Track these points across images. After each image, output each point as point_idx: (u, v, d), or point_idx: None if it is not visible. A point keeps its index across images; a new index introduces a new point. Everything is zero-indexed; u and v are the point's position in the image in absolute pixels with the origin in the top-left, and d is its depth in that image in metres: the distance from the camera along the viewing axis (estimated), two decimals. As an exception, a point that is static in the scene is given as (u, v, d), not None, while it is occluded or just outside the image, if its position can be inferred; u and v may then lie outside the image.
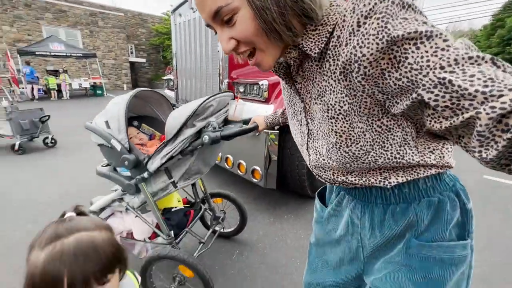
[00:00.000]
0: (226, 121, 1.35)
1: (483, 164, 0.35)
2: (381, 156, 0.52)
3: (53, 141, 4.26)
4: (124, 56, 16.62)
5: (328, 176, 0.64)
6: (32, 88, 10.09)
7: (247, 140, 2.26)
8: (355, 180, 0.59)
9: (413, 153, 0.51)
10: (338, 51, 0.45)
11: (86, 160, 3.70)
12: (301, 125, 0.65)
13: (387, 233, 0.60)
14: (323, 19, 0.46)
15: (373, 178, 0.57)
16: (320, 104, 0.53)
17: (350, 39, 0.41)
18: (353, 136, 0.51)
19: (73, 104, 9.74)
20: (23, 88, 10.10)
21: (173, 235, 1.41)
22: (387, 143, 0.50)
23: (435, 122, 0.38)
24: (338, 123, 0.51)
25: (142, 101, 1.60)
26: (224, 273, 1.75)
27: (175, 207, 1.66)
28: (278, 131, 2.15)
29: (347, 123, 0.50)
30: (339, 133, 0.52)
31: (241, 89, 2.35)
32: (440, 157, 0.53)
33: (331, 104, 0.50)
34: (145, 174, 1.22)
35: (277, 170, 2.24)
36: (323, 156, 0.61)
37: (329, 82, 0.49)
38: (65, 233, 0.50)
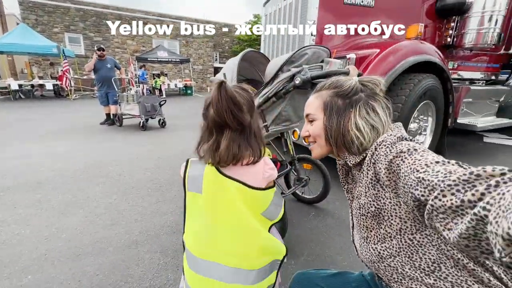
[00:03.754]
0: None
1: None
2: (408, 265, 0.59)
3: (164, 122, 5.41)
4: (210, 62, 18.81)
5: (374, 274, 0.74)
6: (143, 87, 12.59)
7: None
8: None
9: (454, 273, 0.53)
10: (368, 167, 0.61)
11: (183, 135, 4.82)
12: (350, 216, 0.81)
13: None
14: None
15: None
16: (356, 204, 0.70)
17: (371, 159, 0.60)
18: (380, 234, 0.63)
19: (170, 100, 11.65)
20: (137, 87, 12.70)
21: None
22: (416, 256, 0.58)
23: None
24: (368, 220, 0.65)
25: (249, 65, 1.89)
26: (300, 226, 1.90)
27: (265, 158, 1.90)
28: None
29: (375, 221, 0.64)
30: (369, 228, 0.66)
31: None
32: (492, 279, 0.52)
33: (362, 204, 0.65)
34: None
35: None
36: (357, 251, 0.73)
37: (362, 188, 0.65)
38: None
